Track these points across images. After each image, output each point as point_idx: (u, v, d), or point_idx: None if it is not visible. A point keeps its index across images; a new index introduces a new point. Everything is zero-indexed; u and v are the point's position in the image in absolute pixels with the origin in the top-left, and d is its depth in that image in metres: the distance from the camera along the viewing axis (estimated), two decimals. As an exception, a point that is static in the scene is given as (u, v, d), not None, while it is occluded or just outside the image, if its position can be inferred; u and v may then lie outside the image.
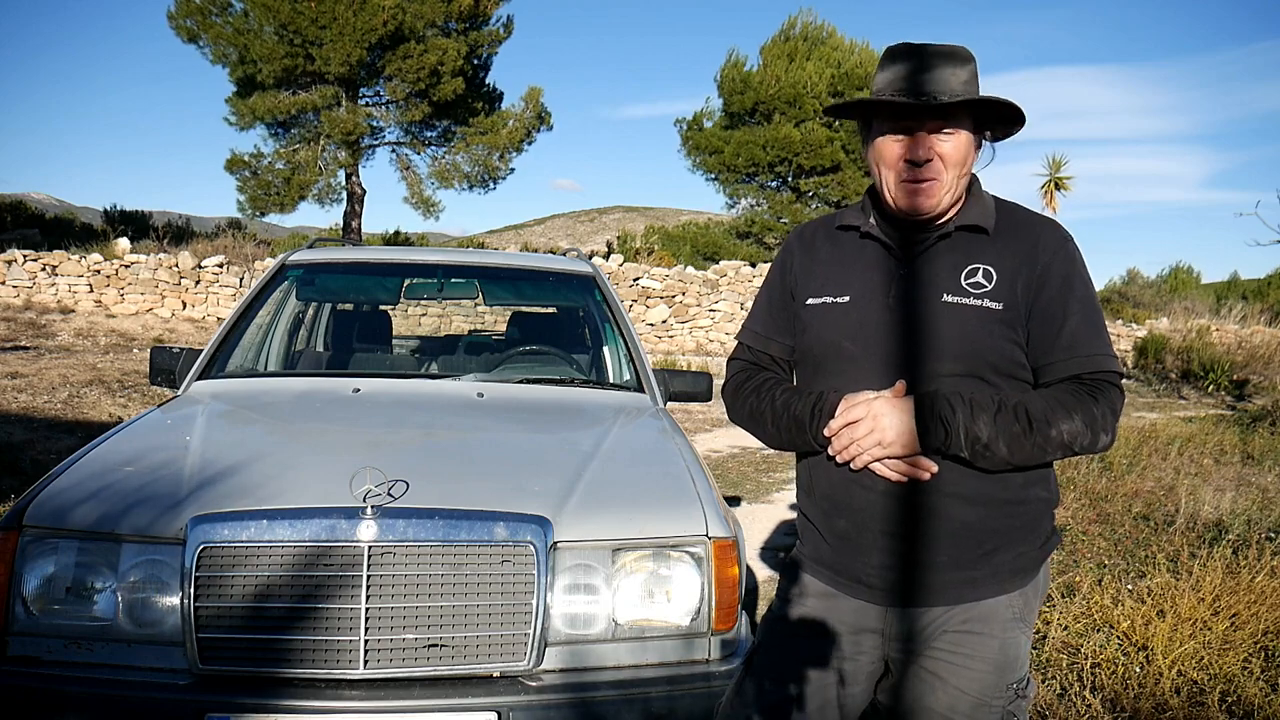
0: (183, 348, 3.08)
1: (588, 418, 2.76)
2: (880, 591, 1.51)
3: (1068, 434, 1.37)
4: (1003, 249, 1.47)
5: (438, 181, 20.11)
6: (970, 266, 1.46)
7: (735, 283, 16.39)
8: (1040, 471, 1.49)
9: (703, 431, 8.44)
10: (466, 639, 1.82)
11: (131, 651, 1.80)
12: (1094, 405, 1.39)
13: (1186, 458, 7.04)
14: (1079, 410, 1.38)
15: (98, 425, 6.56)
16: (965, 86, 1.42)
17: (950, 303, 1.43)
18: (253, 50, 17.33)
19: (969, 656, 1.48)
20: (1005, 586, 1.48)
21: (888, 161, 1.46)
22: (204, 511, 1.84)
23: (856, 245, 1.55)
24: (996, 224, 1.49)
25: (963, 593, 1.47)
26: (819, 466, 1.55)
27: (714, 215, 29.47)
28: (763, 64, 21.82)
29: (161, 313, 13.95)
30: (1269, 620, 3.26)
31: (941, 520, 1.45)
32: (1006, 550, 1.48)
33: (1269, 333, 18.59)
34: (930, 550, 1.46)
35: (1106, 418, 1.40)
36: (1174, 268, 31.48)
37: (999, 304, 1.43)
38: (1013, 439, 1.37)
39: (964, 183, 1.48)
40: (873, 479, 1.46)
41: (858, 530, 1.50)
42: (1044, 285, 1.44)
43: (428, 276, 3.90)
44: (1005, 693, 1.50)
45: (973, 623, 1.48)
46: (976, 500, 1.44)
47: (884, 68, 1.47)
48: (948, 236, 1.48)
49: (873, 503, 1.47)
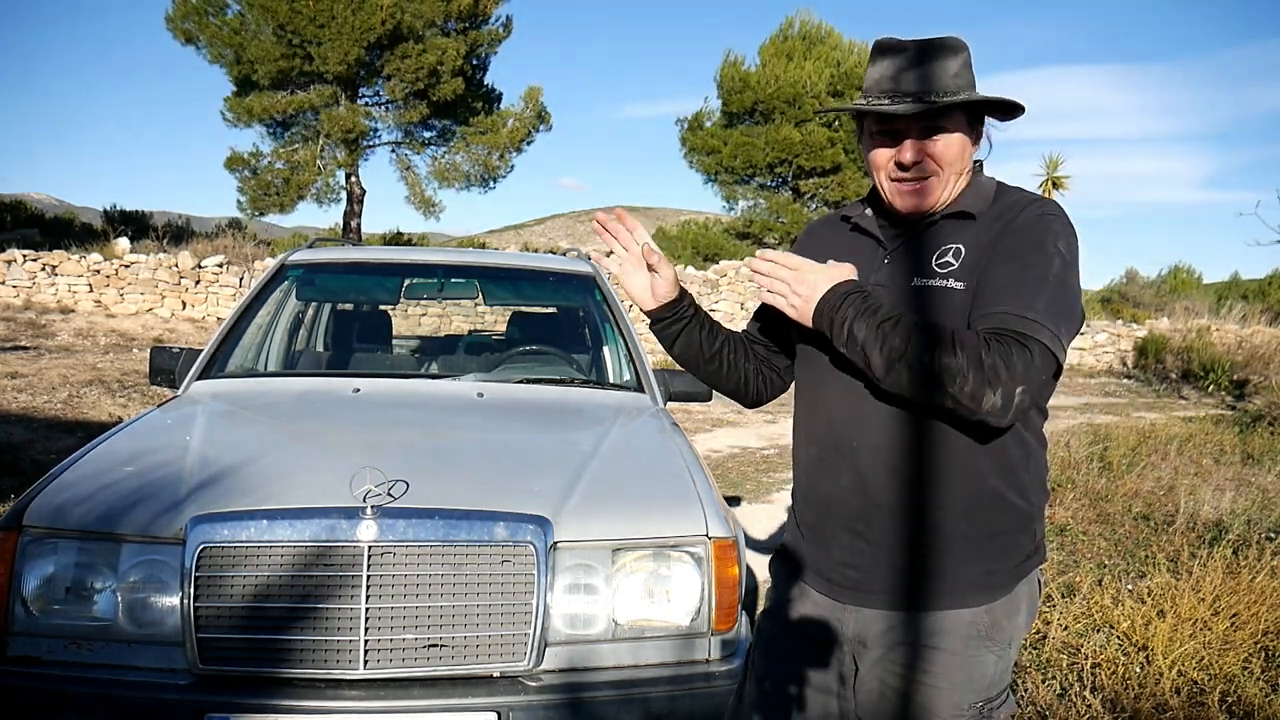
0: (182, 348, 3.08)
1: (588, 418, 2.76)
2: (840, 588, 1.48)
3: (945, 368, 1.24)
4: (982, 230, 1.40)
5: (437, 181, 20.11)
6: (944, 248, 1.41)
7: (735, 283, 16.39)
8: (1017, 478, 1.42)
9: (703, 431, 8.44)
10: (466, 639, 1.82)
11: (131, 651, 1.80)
12: (985, 352, 1.24)
13: (1186, 458, 7.03)
14: (967, 351, 1.24)
15: (98, 425, 6.55)
16: (955, 80, 1.38)
17: (918, 285, 1.40)
18: (250, 50, 17.32)
19: (925, 671, 1.42)
20: (967, 600, 1.41)
21: (879, 165, 1.44)
22: (204, 511, 1.84)
23: (849, 237, 1.56)
24: (990, 208, 1.43)
25: (917, 599, 1.42)
26: (798, 456, 1.55)
27: (714, 215, 29.45)
28: (761, 64, 21.80)
29: (161, 313, 13.94)
30: (1269, 620, 3.26)
31: (904, 521, 1.41)
32: (973, 562, 1.41)
33: (1269, 333, 18.59)
34: (890, 551, 1.42)
35: (998, 371, 1.23)
36: (1174, 268, 31.44)
37: (961, 283, 1.36)
38: (890, 351, 1.28)
39: (963, 178, 1.44)
40: (838, 472, 1.44)
41: (822, 521, 1.49)
42: (997, 253, 1.36)
43: (428, 276, 3.90)
44: (966, 711, 1.42)
45: (929, 635, 1.42)
46: (943, 505, 1.39)
47: (873, 63, 1.44)
48: (935, 224, 1.45)
49: (837, 495, 1.45)
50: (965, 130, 1.42)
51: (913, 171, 1.40)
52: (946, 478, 1.39)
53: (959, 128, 1.40)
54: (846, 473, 1.44)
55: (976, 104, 1.40)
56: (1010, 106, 1.41)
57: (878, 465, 1.41)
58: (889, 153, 1.42)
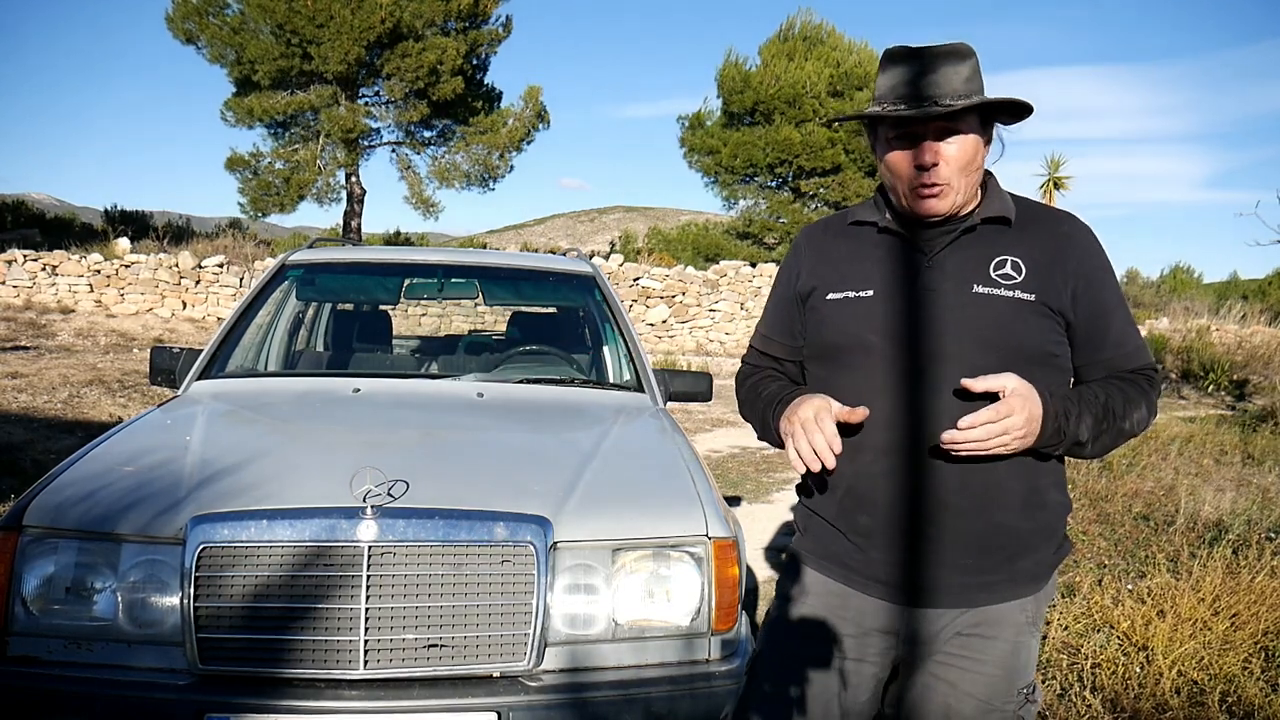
0: (183, 348, 3.08)
1: (588, 418, 2.76)
2: (897, 589, 1.50)
3: (1136, 423, 1.46)
4: (1030, 242, 1.47)
5: (437, 181, 20.12)
6: (999, 258, 1.46)
7: (735, 283, 16.39)
8: (1057, 475, 1.51)
9: (703, 431, 8.44)
10: (466, 639, 1.82)
11: (131, 651, 1.80)
12: (1150, 393, 1.48)
13: (1186, 458, 7.04)
14: (1144, 401, 1.46)
15: (98, 425, 6.55)
16: (967, 84, 1.41)
17: (982, 293, 1.43)
18: (249, 50, 17.33)
19: (979, 660, 1.48)
20: (1020, 591, 1.49)
21: (898, 170, 1.46)
22: (204, 511, 1.84)
23: (875, 240, 1.55)
24: (1017, 217, 1.50)
25: (978, 595, 1.47)
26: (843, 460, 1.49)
27: (714, 215, 29.48)
28: (762, 64, 21.80)
29: (161, 313, 13.94)
30: (1269, 620, 3.26)
31: (968, 521, 1.45)
32: (1026, 555, 1.48)
33: (1269, 333, 18.59)
34: (953, 551, 1.46)
35: (1154, 402, 1.49)
36: (1174, 268, 31.46)
37: (1030, 295, 1.43)
38: (1100, 435, 1.43)
39: (976, 180, 1.47)
40: (901, 476, 1.45)
41: (881, 526, 1.49)
42: (1085, 282, 1.46)
43: (428, 276, 3.90)
44: (1015, 698, 1.49)
45: (984, 626, 1.48)
46: (1003, 503, 1.45)
47: (884, 71, 1.46)
48: (973, 230, 1.48)
49: (899, 500, 1.47)
50: (978, 132, 1.45)
51: (933, 174, 1.42)
52: (1008, 476, 1.44)
53: (973, 130, 1.44)
54: (910, 476, 1.45)
55: (990, 106, 1.44)
56: (1020, 108, 1.45)
57: (945, 467, 1.43)
58: (907, 156, 1.44)
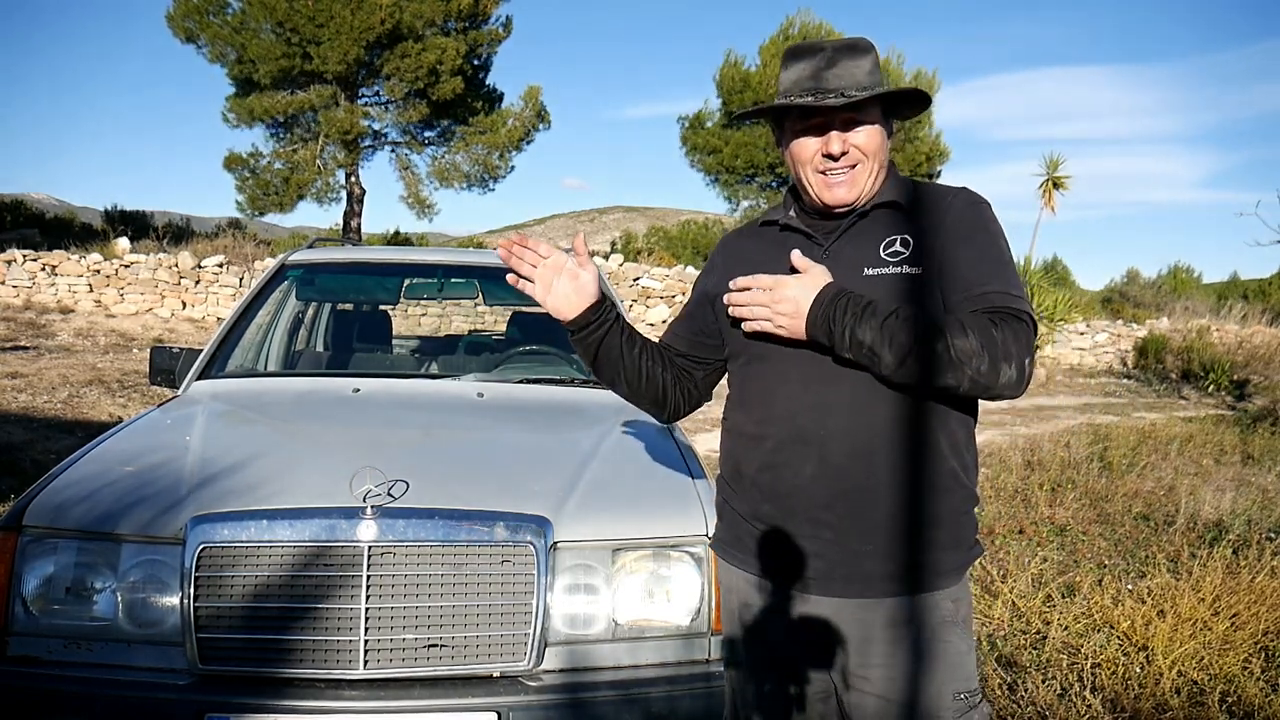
0: (182, 348, 3.08)
1: (588, 417, 2.76)
2: (807, 580, 1.46)
3: (960, 351, 1.30)
4: (918, 219, 1.48)
5: (437, 181, 20.14)
6: (888, 238, 1.47)
7: (735, 282, 16.38)
8: (963, 458, 1.46)
9: (703, 431, 8.44)
10: (466, 639, 1.82)
11: (131, 651, 1.80)
12: (993, 329, 1.32)
13: (1186, 458, 7.04)
14: (976, 331, 1.31)
15: (98, 425, 6.55)
16: (869, 77, 1.45)
17: (871, 275, 1.44)
18: (250, 50, 17.34)
19: (901, 656, 1.43)
20: (935, 583, 1.45)
21: (806, 160, 1.49)
22: (204, 511, 1.84)
23: (779, 238, 1.57)
24: (913, 199, 1.51)
25: (884, 585, 1.43)
26: (748, 450, 1.52)
27: (714, 215, 29.45)
28: (761, 64, 21.80)
29: (161, 313, 13.94)
30: (1269, 620, 3.26)
31: (869, 509, 1.42)
32: (931, 547, 1.44)
33: (1269, 333, 18.60)
34: (857, 538, 1.43)
35: (1008, 345, 1.31)
36: (1174, 268, 31.47)
37: (918, 268, 1.43)
38: (899, 347, 1.32)
39: (881, 170, 1.50)
40: (804, 462, 1.44)
41: (784, 516, 1.48)
42: (952, 239, 1.44)
43: (428, 276, 3.90)
44: (951, 703, 1.43)
45: (904, 624, 1.43)
46: (909, 486, 1.41)
47: (788, 66, 1.50)
48: (865, 215, 1.50)
49: (800, 486, 1.45)
50: (881, 123, 1.49)
51: (841, 162, 1.46)
52: (910, 459, 1.42)
53: (876, 120, 1.48)
54: (810, 462, 1.44)
55: (892, 97, 1.49)
56: (920, 99, 1.51)
57: (845, 451, 1.42)
58: (816, 146, 1.47)
